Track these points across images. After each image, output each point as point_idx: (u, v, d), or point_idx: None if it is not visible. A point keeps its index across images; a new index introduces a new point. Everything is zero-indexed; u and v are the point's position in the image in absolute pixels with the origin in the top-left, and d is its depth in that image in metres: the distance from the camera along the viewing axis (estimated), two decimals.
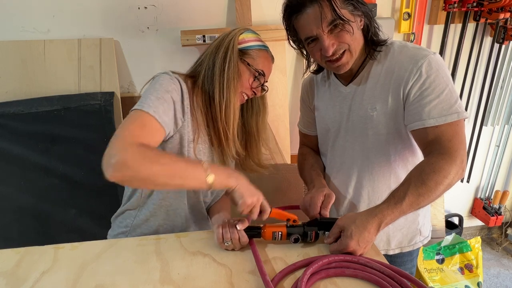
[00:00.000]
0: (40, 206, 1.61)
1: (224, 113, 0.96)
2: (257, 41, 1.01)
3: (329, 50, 0.89)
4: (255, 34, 1.03)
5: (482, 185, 2.42)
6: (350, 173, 1.07)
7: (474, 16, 1.88)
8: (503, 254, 2.41)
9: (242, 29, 1.01)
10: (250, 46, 0.99)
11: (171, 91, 0.90)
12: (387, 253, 1.10)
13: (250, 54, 0.99)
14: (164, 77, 0.92)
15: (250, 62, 0.99)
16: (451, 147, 0.85)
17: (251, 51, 0.99)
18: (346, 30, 0.87)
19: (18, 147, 1.58)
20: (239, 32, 1.00)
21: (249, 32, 1.01)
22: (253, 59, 0.99)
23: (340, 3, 0.85)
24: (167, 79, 0.91)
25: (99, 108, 1.60)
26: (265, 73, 1.01)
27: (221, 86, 0.95)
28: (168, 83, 0.90)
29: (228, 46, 0.97)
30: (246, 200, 0.82)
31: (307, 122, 1.20)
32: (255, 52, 1.00)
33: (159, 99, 0.86)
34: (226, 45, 0.97)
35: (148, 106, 0.83)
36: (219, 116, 0.96)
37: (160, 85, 0.89)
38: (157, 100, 0.86)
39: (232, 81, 0.95)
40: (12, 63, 1.59)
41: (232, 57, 0.96)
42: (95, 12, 1.63)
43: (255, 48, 1.00)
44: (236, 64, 0.96)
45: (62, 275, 0.80)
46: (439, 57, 0.91)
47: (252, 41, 1.00)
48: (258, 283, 0.76)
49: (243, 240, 0.86)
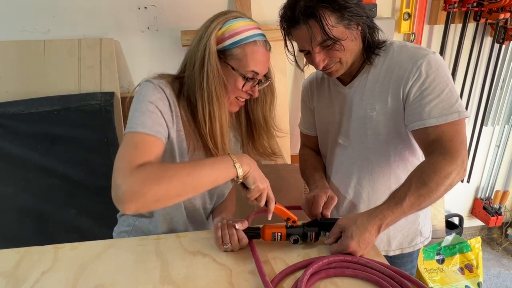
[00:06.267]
0: (40, 206, 1.61)
1: (209, 128, 0.87)
2: (243, 32, 0.84)
3: (319, 66, 0.91)
4: (239, 21, 0.85)
5: (482, 185, 2.42)
6: (350, 173, 1.07)
7: (474, 16, 1.88)
8: (503, 254, 2.41)
9: (221, 20, 0.85)
10: (233, 44, 0.84)
11: (156, 100, 0.83)
12: (387, 254, 1.10)
13: (234, 54, 0.85)
14: (147, 87, 0.85)
15: (235, 65, 0.86)
16: (452, 147, 0.84)
17: (235, 49, 0.85)
18: (337, 49, 0.88)
19: (18, 147, 1.58)
20: (217, 26, 0.84)
21: (230, 22, 0.85)
22: (239, 60, 0.85)
23: (333, 21, 0.84)
24: (150, 89, 0.84)
25: (99, 108, 1.60)
26: (259, 70, 0.88)
27: (203, 100, 0.85)
28: (152, 93, 0.83)
29: (205, 48, 0.83)
30: (259, 185, 0.79)
31: (307, 123, 1.20)
32: (241, 49, 0.85)
33: (144, 113, 0.81)
34: (203, 47, 0.84)
35: (135, 124, 0.79)
36: (204, 132, 0.88)
37: (143, 96, 0.83)
38: (142, 115, 0.80)
39: (213, 93, 0.84)
40: (12, 63, 1.59)
41: (210, 65, 0.83)
42: (95, 12, 1.63)
43: (241, 44, 0.84)
44: (216, 72, 0.83)
45: (62, 275, 0.80)
46: (439, 56, 0.91)
47: (236, 35, 0.84)
48: (258, 283, 0.76)
49: (243, 242, 0.85)
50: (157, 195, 0.70)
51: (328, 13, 0.84)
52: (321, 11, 0.83)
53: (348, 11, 0.85)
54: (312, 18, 0.84)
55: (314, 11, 0.83)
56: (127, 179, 0.69)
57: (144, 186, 0.69)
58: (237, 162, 0.77)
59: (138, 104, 0.82)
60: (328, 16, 0.84)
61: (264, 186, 0.80)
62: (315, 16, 0.83)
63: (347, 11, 0.85)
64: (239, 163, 0.77)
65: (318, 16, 0.83)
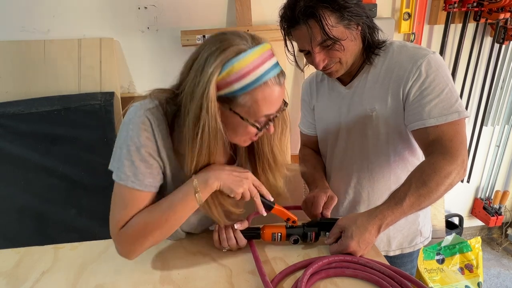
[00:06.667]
0: (40, 206, 1.61)
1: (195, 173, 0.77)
2: (250, 73, 0.67)
3: (319, 66, 0.91)
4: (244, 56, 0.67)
5: (482, 185, 2.42)
6: (350, 173, 1.07)
7: (474, 16, 1.88)
8: (503, 254, 2.41)
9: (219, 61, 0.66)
10: (238, 91, 0.68)
11: (144, 144, 0.74)
12: (387, 254, 1.10)
13: (242, 102, 0.69)
14: (135, 124, 0.74)
15: (245, 114, 0.70)
16: (452, 146, 0.84)
17: (243, 96, 0.68)
18: (337, 49, 0.88)
19: (18, 147, 1.58)
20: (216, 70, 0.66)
21: (232, 63, 0.66)
22: (249, 107, 0.69)
23: (333, 21, 0.84)
24: (137, 129, 0.73)
25: (99, 108, 1.60)
26: (274, 111, 0.74)
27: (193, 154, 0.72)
28: (140, 135, 0.73)
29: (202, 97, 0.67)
30: (237, 191, 0.76)
31: (307, 123, 1.20)
32: (250, 95, 0.68)
33: (133, 163, 0.74)
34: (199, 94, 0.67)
35: (126, 176, 0.74)
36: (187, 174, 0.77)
37: (131, 140, 0.74)
38: (132, 165, 0.74)
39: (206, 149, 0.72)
40: (12, 63, 1.59)
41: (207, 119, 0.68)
42: (95, 12, 1.63)
43: (249, 90, 0.68)
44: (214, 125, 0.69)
45: (62, 275, 0.80)
46: (438, 56, 0.91)
47: (241, 79, 0.67)
48: (258, 283, 0.76)
49: (241, 243, 0.85)
50: (148, 245, 0.78)
51: (328, 13, 0.84)
52: (321, 11, 0.83)
53: (348, 11, 0.85)
54: (312, 18, 0.84)
55: (314, 11, 0.83)
56: (117, 241, 0.78)
57: (133, 245, 0.77)
58: (198, 192, 0.74)
59: (126, 148, 0.74)
60: (328, 16, 0.84)
61: (241, 189, 0.76)
62: (315, 16, 0.83)
63: (347, 11, 0.85)
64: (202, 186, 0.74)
65: (318, 16, 0.83)
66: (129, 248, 0.77)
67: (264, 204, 0.81)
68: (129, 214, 0.76)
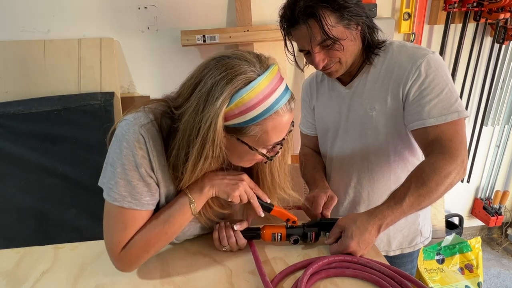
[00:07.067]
0: (40, 206, 1.61)
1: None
2: (260, 103, 0.63)
3: (319, 66, 0.91)
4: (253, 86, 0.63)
5: (482, 185, 2.42)
6: (350, 173, 1.07)
7: (474, 16, 1.88)
8: (503, 254, 2.41)
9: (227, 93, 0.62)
10: (248, 122, 0.64)
11: (140, 163, 0.71)
12: (387, 254, 1.10)
13: (251, 133, 0.66)
14: (130, 141, 0.70)
15: (253, 144, 0.68)
16: (451, 146, 0.84)
17: (252, 127, 0.65)
18: (337, 48, 0.88)
19: (18, 147, 1.58)
20: (225, 102, 0.62)
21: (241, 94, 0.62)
22: (258, 137, 0.66)
23: (333, 21, 0.84)
24: (132, 145, 0.70)
25: (99, 108, 1.60)
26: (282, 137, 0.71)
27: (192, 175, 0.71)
28: (135, 153, 0.70)
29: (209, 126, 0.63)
30: (233, 194, 0.76)
31: (308, 123, 1.20)
32: (260, 126, 0.65)
33: (130, 182, 0.71)
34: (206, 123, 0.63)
35: (121, 197, 0.71)
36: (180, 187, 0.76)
37: (126, 159, 0.70)
38: (128, 185, 0.71)
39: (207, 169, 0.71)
40: (12, 63, 1.59)
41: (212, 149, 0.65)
42: (95, 12, 1.63)
43: (259, 121, 0.65)
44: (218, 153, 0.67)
45: (62, 275, 0.80)
46: (438, 56, 0.91)
47: (251, 109, 0.63)
48: (258, 283, 0.76)
49: (240, 243, 0.85)
50: (149, 257, 0.79)
51: (327, 12, 0.84)
52: (320, 11, 0.83)
53: (347, 11, 0.85)
54: (312, 17, 0.84)
55: (314, 10, 0.83)
56: (119, 262, 0.76)
57: (136, 262, 0.77)
58: (193, 202, 0.76)
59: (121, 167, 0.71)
60: (328, 16, 0.84)
61: (237, 192, 0.76)
62: (314, 15, 0.83)
63: (347, 11, 0.85)
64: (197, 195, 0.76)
65: (317, 15, 0.83)
66: (131, 265, 0.77)
67: (263, 206, 0.82)
68: (129, 234, 0.75)
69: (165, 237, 0.77)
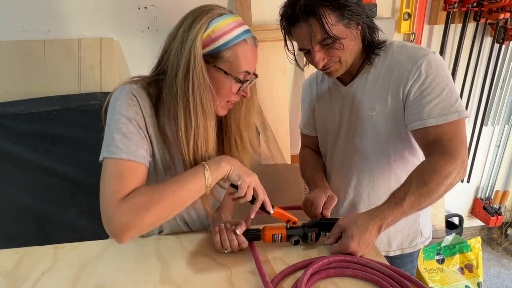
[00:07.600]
0: (40, 206, 1.61)
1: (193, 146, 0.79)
2: (231, 31, 0.77)
3: (319, 65, 0.91)
4: (225, 18, 0.77)
5: (482, 185, 2.42)
6: (350, 173, 1.07)
7: (474, 16, 1.88)
8: (503, 254, 2.41)
9: (205, 20, 0.76)
10: (222, 46, 0.76)
11: (134, 116, 0.77)
12: (387, 255, 1.10)
13: (225, 57, 0.77)
14: (122, 100, 0.77)
15: (228, 68, 0.78)
16: (452, 146, 0.84)
17: (226, 51, 0.77)
18: (337, 47, 0.88)
19: (18, 147, 1.57)
20: (202, 27, 0.75)
21: (216, 21, 0.76)
22: (231, 62, 0.78)
23: (333, 19, 0.84)
24: (125, 103, 0.77)
25: (99, 108, 1.59)
26: (251, 69, 0.81)
27: (188, 112, 0.77)
28: (128, 109, 0.76)
29: (190, 54, 0.74)
30: (245, 178, 0.78)
31: (307, 123, 1.20)
32: (232, 50, 0.77)
33: (125, 134, 0.75)
34: (187, 52, 0.75)
35: (118, 149, 0.74)
36: (185, 150, 0.79)
37: (120, 114, 0.76)
38: (124, 137, 0.75)
39: (200, 104, 0.77)
40: (12, 63, 1.59)
41: (196, 72, 0.74)
42: (95, 12, 1.63)
43: (231, 45, 0.77)
44: (203, 80, 0.76)
45: (62, 275, 0.80)
46: (438, 56, 0.91)
47: (224, 35, 0.76)
48: (258, 283, 0.76)
49: (243, 246, 0.85)
50: (149, 222, 0.72)
51: (328, 11, 0.84)
52: (321, 10, 0.83)
53: (348, 10, 0.85)
54: (312, 16, 0.84)
55: (314, 9, 0.83)
56: (116, 213, 0.71)
57: (135, 216, 0.70)
58: (207, 170, 0.76)
59: (115, 123, 0.76)
60: (328, 15, 0.84)
61: (250, 179, 0.79)
62: (315, 14, 0.83)
63: (347, 10, 0.85)
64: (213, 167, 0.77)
65: (318, 14, 0.83)
66: (128, 220, 0.70)
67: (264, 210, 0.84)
68: (125, 185, 0.73)
69: (171, 198, 0.73)
